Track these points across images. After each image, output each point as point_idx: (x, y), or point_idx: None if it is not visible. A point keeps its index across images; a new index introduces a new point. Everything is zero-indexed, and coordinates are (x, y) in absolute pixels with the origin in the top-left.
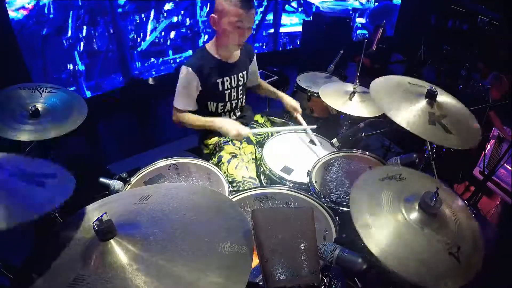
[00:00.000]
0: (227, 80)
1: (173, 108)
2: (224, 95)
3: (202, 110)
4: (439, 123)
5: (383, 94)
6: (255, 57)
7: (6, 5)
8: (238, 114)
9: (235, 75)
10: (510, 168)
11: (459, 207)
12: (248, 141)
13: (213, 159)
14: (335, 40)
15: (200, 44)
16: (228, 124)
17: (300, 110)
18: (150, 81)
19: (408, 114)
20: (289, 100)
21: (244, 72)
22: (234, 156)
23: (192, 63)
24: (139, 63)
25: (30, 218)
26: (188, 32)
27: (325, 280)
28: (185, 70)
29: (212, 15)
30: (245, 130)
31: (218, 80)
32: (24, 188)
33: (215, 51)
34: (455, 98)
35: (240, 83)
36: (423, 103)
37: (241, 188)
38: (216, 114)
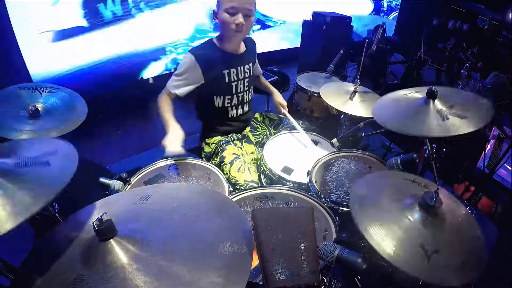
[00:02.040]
0: (233, 72)
1: (164, 89)
2: (231, 87)
3: (207, 105)
4: (452, 115)
5: (390, 116)
6: (256, 51)
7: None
8: (245, 109)
9: (242, 67)
10: (510, 168)
11: (459, 207)
12: (248, 141)
13: (215, 159)
14: (335, 40)
15: None
16: (171, 136)
17: (285, 106)
18: (150, 81)
19: (423, 124)
20: (276, 96)
21: (250, 64)
22: (237, 157)
23: (196, 52)
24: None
25: (49, 198)
26: None
27: (325, 280)
28: (187, 56)
29: (214, 9)
30: (176, 149)
31: (224, 71)
32: (33, 172)
33: (220, 44)
34: (452, 88)
35: (247, 75)
36: (428, 107)
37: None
38: (223, 109)
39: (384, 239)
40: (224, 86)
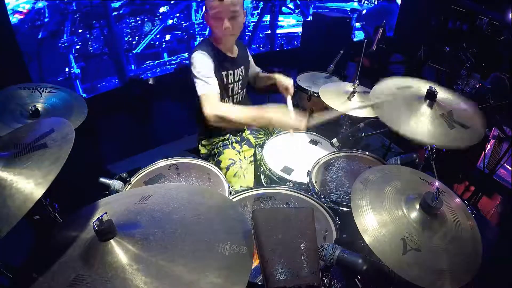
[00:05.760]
0: (230, 74)
1: (201, 99)
2: (228, 89)
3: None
4: (455, 123)
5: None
6: (249, 53)
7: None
8: None
9: (237, 69)
10: (510, 168)
11: (459, 207)
12: (249, 144)
13: (212, 162)
14: (335, 40)
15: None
16: (282, 115)
17: (292, 91)
18: (150, 81)
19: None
20: (282, 80)
21: (243, 67)
22: (233, 162)
23: (204, 50)
24: (134, 66)
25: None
26: (184, 34)
27: (325, 281)
28: (199, 54)
29: (205, 13)
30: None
31: (222, 73)
32: (35, 158)
33: (217, 45)
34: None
35: (241, 78)
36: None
37: None
38: None
39: (369, 219)
40: (222, 87)
